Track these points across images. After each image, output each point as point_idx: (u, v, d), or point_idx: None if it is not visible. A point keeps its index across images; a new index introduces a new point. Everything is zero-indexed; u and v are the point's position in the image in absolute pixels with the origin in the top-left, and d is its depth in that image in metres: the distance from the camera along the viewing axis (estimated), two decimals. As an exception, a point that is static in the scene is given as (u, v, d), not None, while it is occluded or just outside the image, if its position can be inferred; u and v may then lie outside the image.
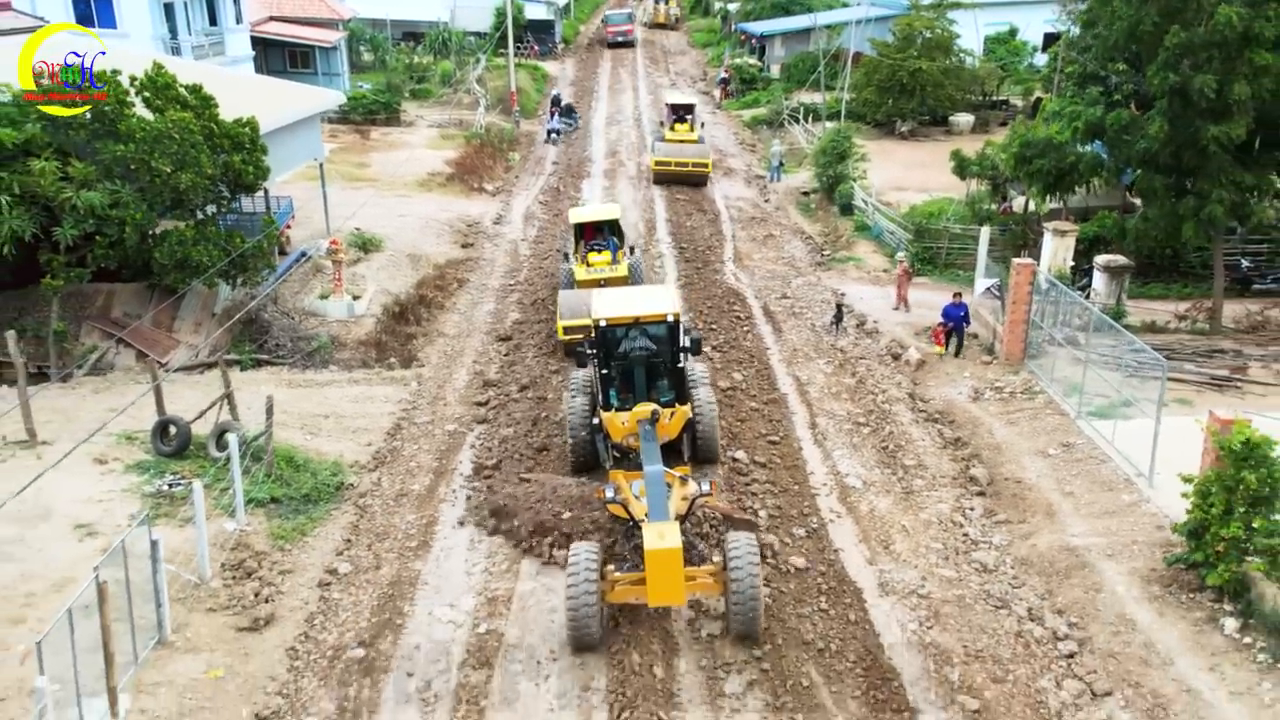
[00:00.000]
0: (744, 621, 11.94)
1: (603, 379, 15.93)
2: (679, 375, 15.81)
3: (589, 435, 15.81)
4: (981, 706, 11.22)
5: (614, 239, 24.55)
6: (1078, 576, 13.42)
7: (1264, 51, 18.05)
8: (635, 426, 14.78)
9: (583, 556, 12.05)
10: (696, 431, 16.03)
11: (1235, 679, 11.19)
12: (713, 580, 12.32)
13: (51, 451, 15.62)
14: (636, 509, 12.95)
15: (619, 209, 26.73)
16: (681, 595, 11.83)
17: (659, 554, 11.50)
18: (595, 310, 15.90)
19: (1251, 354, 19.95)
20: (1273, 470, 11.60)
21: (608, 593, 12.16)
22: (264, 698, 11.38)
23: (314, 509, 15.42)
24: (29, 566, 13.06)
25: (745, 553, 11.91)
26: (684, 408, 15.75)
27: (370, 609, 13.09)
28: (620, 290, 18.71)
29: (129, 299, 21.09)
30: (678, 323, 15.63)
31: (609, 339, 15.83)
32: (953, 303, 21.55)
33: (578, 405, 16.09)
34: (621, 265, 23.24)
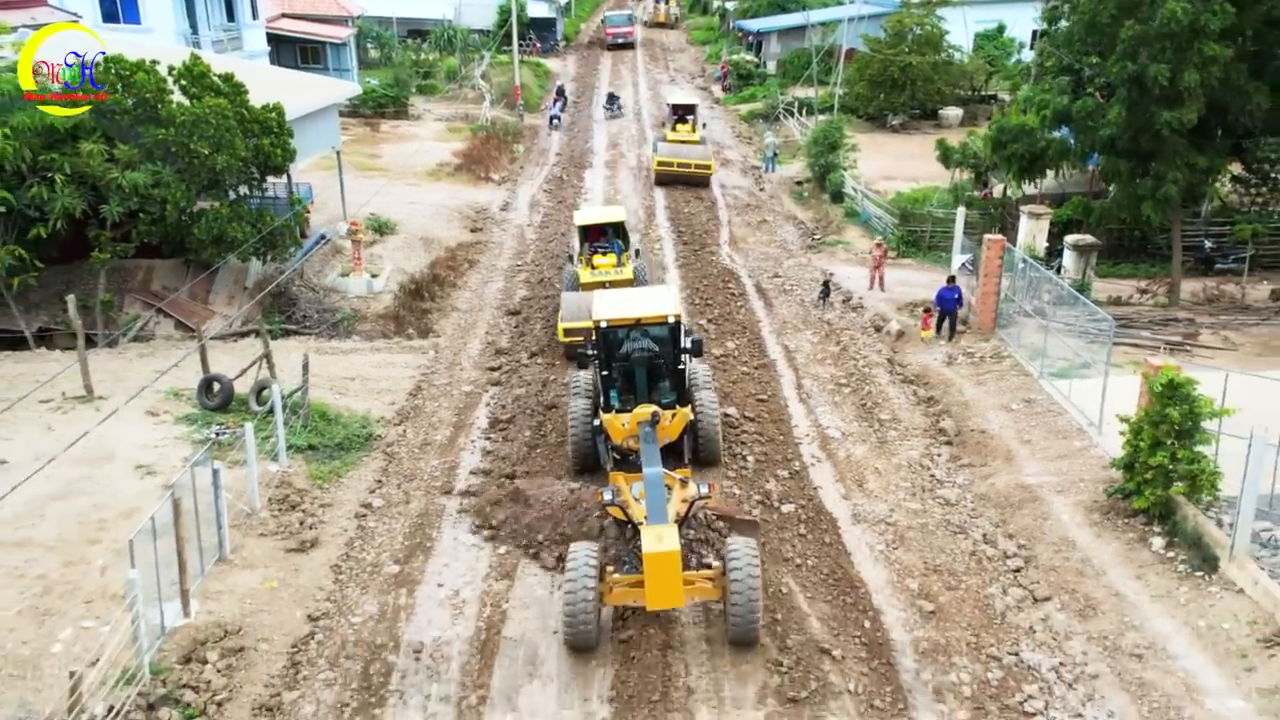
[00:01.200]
0: (743, 627, 11.82)
1: (603, 380, 15.89)
2: (680, 377, 15.74)
3: (590, 437, 15.74)
4: (936, 608, 12.91)
5: (619, 241, 24.30)
6: (1029, 508, 15.12)
7: (1211, 43, 19.69)
8: (636, 428, 14.72)
9: (582, 558, 11.95)
10: (698, 433, 15.97)
11: (1157, 585, 12.88)
12: (711, 585, 12.25)
13: (108, 405, 17.29)
14: (635, 511, 12.87)
15: (624, 211, 26.64)
16: (680, 598, 11.79)
17: (657, 557, 11.43)
18: (596, 311, 15.84)
19: (1203, 322, 21.64)
20: (1193, 406, 13.26)
21: (606, 594, 12.08)
22: (314, 603, 13.06)
23: (347, 455, 17.10)
24: (99, 499, 14.73)
25: (745, 557, 11.80)
26: (684, 409, 15.70)
27: (403, 535, 14.78)
28: (621, 291, 18.65)
29: (167, 273, 22.77)
30: (679, 324, 15.61)
31: (610, 340, 15.77)
32: (946, 286, 22.14)
33: (579, 407, 16.06)
34: (626, 268, 22.98)
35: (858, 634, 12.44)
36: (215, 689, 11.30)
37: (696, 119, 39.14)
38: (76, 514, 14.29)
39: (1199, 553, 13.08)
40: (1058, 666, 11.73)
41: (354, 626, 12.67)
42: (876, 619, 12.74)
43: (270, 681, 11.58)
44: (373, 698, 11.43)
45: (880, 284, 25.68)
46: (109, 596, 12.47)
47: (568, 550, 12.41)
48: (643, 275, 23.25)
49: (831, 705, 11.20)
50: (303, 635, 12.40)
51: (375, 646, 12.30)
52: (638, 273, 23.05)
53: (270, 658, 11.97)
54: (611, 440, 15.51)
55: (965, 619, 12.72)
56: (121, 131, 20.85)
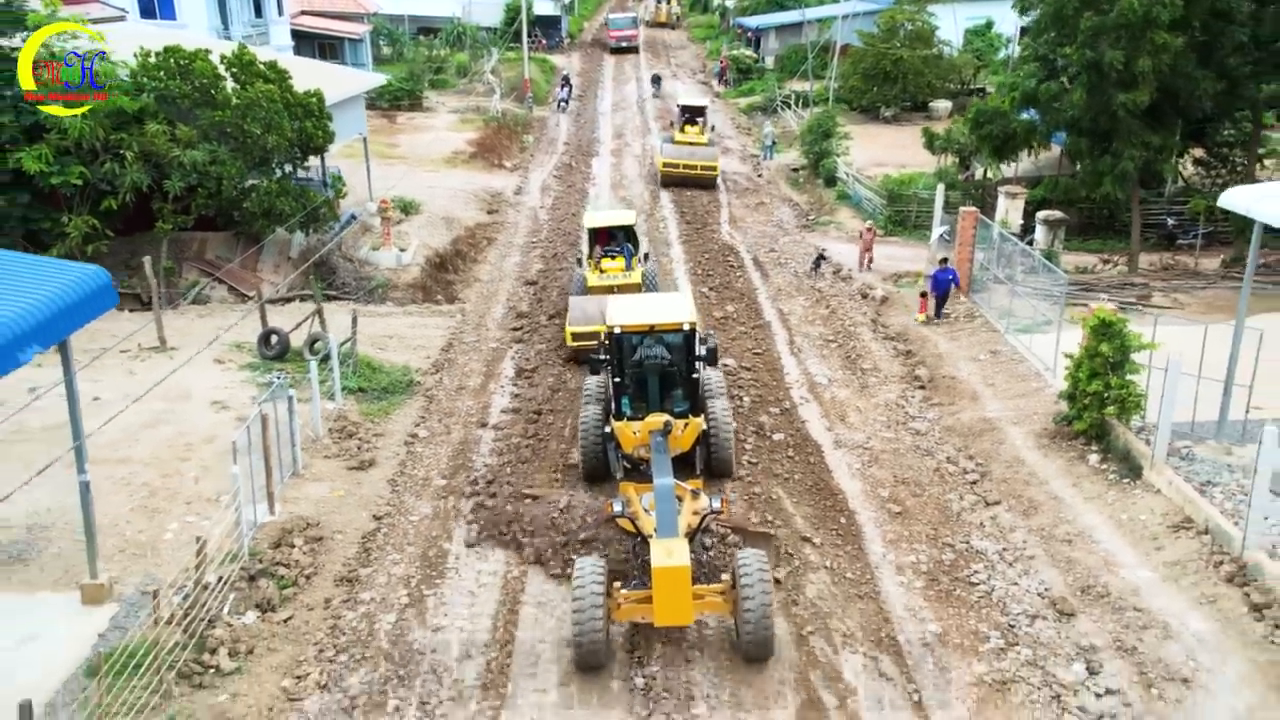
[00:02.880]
0: (755, 644, 11.41)
1: (615, 387, 15.63)
2: (694, 386, 15.51)
3: (600, 445, 15.46)
4: (902, 510, 15.23)
5: (629, 245, 23.99)
6: (988, 436, 17.44)
7: (1162, 32, 21.96)
8: (647, 437, 14.52)
9: (589, 573, 11.60)
10: (710, 444, 15.57)
11: (1090, 491, 15.20)
12: (722, 599, 11.84)
13: (179, 355, 19.61)
14: (645, 523, 12.56)
15: (634, 214, 26.27)
16: (689, 615, 11.42)
17: (666, 572, 11.16)
18: (610, 317, 15.62)
19: (1157, 287, 23.93)
20: (1124, 341, 15.55)
21: (614, 610, 11.76)
22: (376, 507, 15.39)
23: (392, 397, 19.43)
24: (183, 428, 17.07)
25: (756, 572, 11.42)
26: (697, 419, 15.46)
27: (447, 457, 17.11)
28: (636, 297, 18.39)
29: (219, 244, 25.08)
30: (694, 331, 15.35)
31: (623, 346, 15.49)
32: (940, 269, 23.18)
33: (590, 413, 15.78)
34: (635, 272, 22.62)
35: (835, 528, 14.77)
36: (302, 566, 13.63)
37: (706, 121, 39.12)
38: (165, 439, 16.63)
39: (1127, 464, 15.40)
40: (1001, 551, 14.05)
41: (412, 523, 15.01)
42: (851, 518, 15.07)
43: (347, 561, 13.91)
44: (433, 572, 13.77)
45: (869, 265, 27.87)
46: (204, 500, 14.82)
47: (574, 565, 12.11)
48: (652, 279, 22.78)
49: (810, 577, 13.53)
50: (370, 529, 14.74)
51: (431, 538, 14.64)
52: (647, 277, 22.58)
53: (345, 544, 14.31)
54: (622, 449, 15.31)
55: (926, 518, 15.04)
56: (181, 114, 23.15)
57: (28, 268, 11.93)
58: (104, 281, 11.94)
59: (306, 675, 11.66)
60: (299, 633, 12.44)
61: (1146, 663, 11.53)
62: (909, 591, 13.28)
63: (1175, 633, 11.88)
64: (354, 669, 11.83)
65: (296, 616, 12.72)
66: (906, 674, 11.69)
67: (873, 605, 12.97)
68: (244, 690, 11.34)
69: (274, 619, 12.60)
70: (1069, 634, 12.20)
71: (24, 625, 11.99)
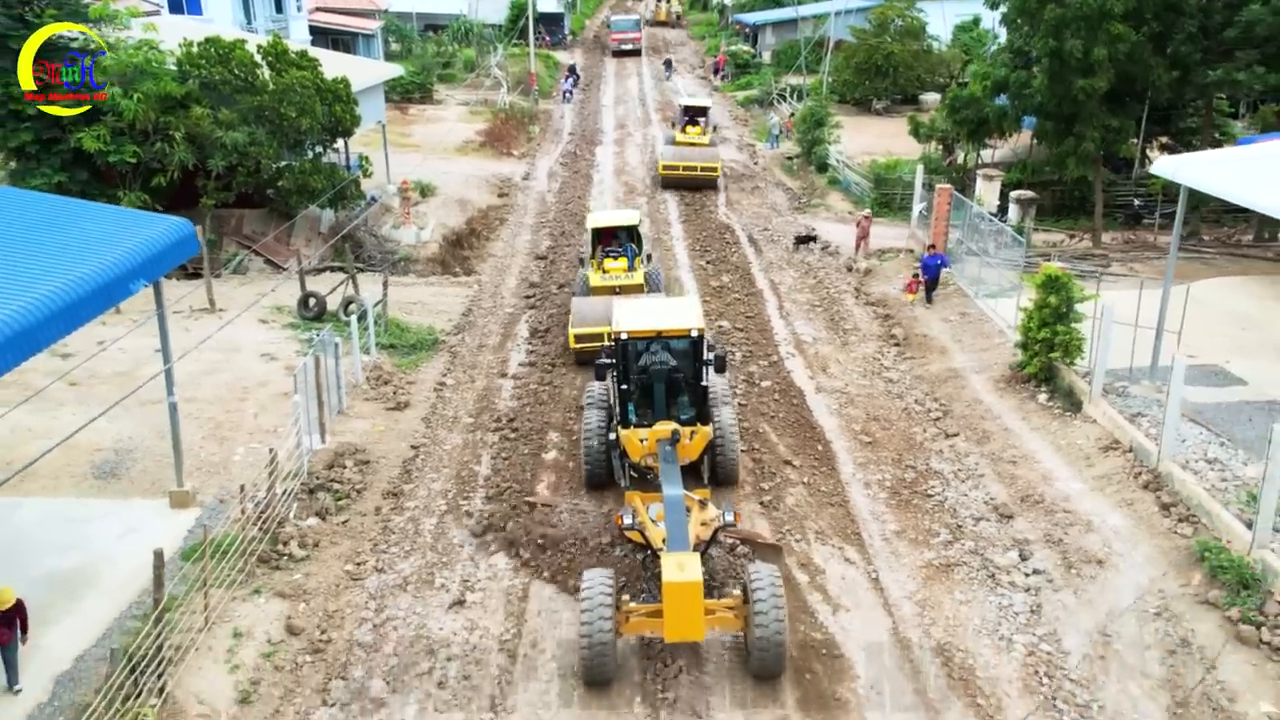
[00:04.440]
0: (766, 661, 11.18)
1: (621, 395, 15.25)
2: (701, 393, 15.16)
3: (604, 451, 15.24)
4: (872, 440, 17.42)
5: (632, 245, 23.80)
6: (953, 382, 19.63)
7: (1116, 23, 24.11)
8: (655, 446, 14.29)
9: (597, 586, 11.35)
10: (716, 452, 15.35)
11: (1036, 422, 17.39)
12: (733, 615, 11.59)
13: (227, 315, 21.79)
14: (654, 535, 12.35)
15: (639, 215, 26.01)
16: (701, 631, 11.17)
17: (678, 587, 10.90)
18: (617, 322, 15.26)
19: (1115, 258, 26.11)
20: (1069, 294, 17.71)
21: (622, 624, 11.52)
22: (413, 438, 17.58)
23: (420, 353, 21.60)
24: (237, 374, 19.25)
25: (769, 586, 11.14)
26: (706, 428, 15.14)
27: (472, 400, 19.29)
28: (642, 301, 17.93)
29: (255, 220, 27.26)
30: (701, 338, 14.97)
31: (629, 352, 15.18)
32: (929, 254, 24.31)
33: (593, 419, 15.50)
34: (638, 273, 22.49)
35: (812, 454, 16.95)
36: (353, 483, 15.82)
37: (708, 121, 38.66)
38: (224, 383, 18.83)
39: (1070, 400, 17.58)
40: (956, 470, 16.24)
41: (446, 451, 17.21)
42: (827, 446, 17.26)
43: (391, 479, 16.11)
44: (465, 487, 15.95)
45: (864, 252, 29.52)
46: (263, 431, 17.02)
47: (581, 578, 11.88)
48: (655, 280, 22.77)
49: (790, 490, 15.72)
50: (409, 456, 16.93)
51: (463, 462, 16.83)
52: (650, 278, 22.62)
53: (389, 467, 16.50)
54: (629, 457, 15.08)
55: (893, 446, 17.23)
56: (223, 99, 25.29)
57: (129, 218, 14.15)
58: (189, 232, 14.15)
59: (364, 562, 13.87)
60: (355, 532, 14.64)
61: (1070, 550, 13.72)
62: (874, 501, 15.48)
63: (1096, 528, 14.06)
64: (404, 557, 14.03)
65: (352, 520, 14.92)
66: (867, 559, 13.89)
67: (842, 511, 15.17)
68: (314, 572, 13.55)
69: (333, 522, 14.80)
70: (1007, 531, 14.39)
71: (123, 523, 14.20)
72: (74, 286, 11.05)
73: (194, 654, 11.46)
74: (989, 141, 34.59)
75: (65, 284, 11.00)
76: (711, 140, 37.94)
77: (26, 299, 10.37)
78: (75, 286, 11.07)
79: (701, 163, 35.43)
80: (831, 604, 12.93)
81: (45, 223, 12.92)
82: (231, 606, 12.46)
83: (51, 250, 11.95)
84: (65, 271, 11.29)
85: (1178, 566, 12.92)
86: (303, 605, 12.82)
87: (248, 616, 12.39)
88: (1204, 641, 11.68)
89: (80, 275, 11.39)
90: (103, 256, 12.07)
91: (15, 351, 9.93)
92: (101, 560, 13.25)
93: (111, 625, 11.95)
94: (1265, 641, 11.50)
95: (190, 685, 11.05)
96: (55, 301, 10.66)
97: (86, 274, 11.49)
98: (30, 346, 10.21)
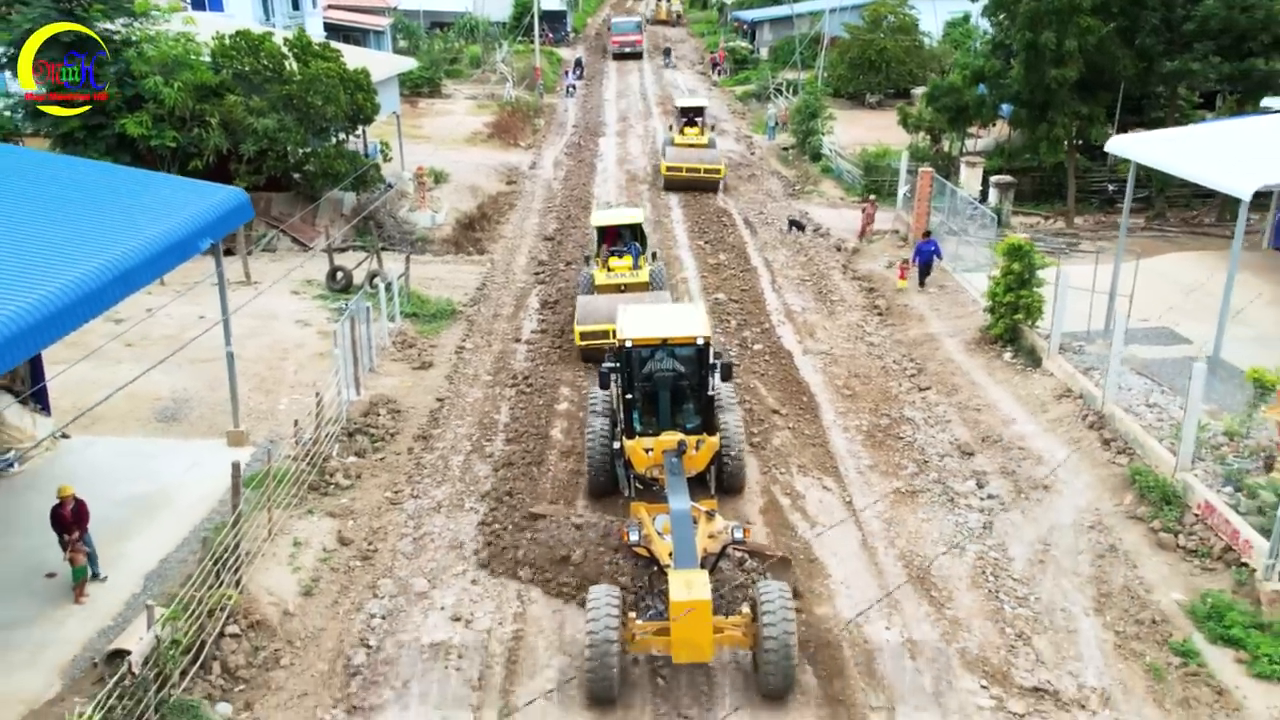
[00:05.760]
0: (776, 680, 11.00)
1: (626, 404, 14.89)
2: (707, 402, 14.85)
3: (608, 460, 15.02)
4: (852, 393, 19.31)
5: (636, 244, 24.00)
6: (928, 345, 21.51)
7: (1085, 16, 25.97)
8: (661, 457, 14.04)
9: (603, 602, 11.11)
10: (722, 460, 15.07)
11: (1000, 376, 19.27)
12: (742, 634, 11.37)
13: (262, 286, 23.66)
14: (660, 550, 12.09)
15: (642, 214, 26.11)
16: (709, 651, 11.03)
17: (686, 606, 10.77)
18: (622, 330, 14.97)
19: (1085, 237, 27.98)
20: (1031, 261, 19.58)
21: (629, 642, 11.29)
22: (438, 392, 19.47)
23: (439, 321, 23.47)
24: (276, 338, 21.15)
25: (778, 605, 10.91)
26: (712, 438, 14.82)
27: (489, 361, 21.18)
28: (648, 308, 17.43)
29: (283, 202, 29.13)
30: (708, 346, 14.72)
31: (634, 360, 14.85)
32: (923, 240, 25.18)
33: (597, 427, 15.31)
34: (643, 271, 22.70)
35: (797, 405, 18.84)
36: (387, 428, 17.71)
37: (705, 121, 38.91)
38: (265, 345, 20.72)
39: (1031, 357, 19.47)
40: (926, 417, 18.12)
41: (468, 403, 19.10)
42: (811, 398, 19.15)
43: (421, 425, 18.00)
44: (486, 434, 17.84)
45: (868, 236, 30.57)
46: (304, 385, 18.88)
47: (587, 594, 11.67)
48: (659, 278, 23.02)
49: (776, 434, 17.60)
50: (435, 407, 18.81)
51: (483, 412, 18.73)
52: (654, 275, 22.89)
53: (418, 416, 18.39)
54: (633, 468, 14.84)
55: (871, 397, 19.12)
56: (253, 88, 27.15)
57: (195, 188, 16.03)
58: (245, 200, 16.05)
59: (401, 491, 15.77)
60: (392, 467, 16.54)
61: (1020, 479, 15.62)
62: (851, 442, 17.37)
63: (1045, 461, 15.96)
64: (436, 486, 15.94)
65: (388, 458, 16.82)
66: (843, 487, 15.79)
67: (822, 450, 17.06)
68: (358, 498, 15.45)
69: (372, 459, 16.70)
70: (968, 465, 16.28)
71: (187, 457, 16.09)
72: (161, 238, 12.97)
73: (261, 559, 13.34)
74: (972, 131, 36.58)
75: (155, 235, 12.90)
76: (711, 140, 37.99)
77: (127, 246, 12.25)
78: (162, 238, 12.99)
79: (705, 165, 35.79)
80: (810, 521, 14.83)
81: (128, 189, 14.83)
82: (290, 523, 14.35)
83: (138, 211, 13.83)
84: (152, 226, 13.17)
85: (1112, 490, 14.81)
86: (351, 523, 14.71)
87: (304, 531, 14.28)
88: (1129, 548, 13.58)
89: (163, 231, 13.28)
90: (178, 217, 13.95)
91: (120, 288, 11.83)
92: (171, 487, 15.14)
93: (188, 536, 13.85)
94: (1181, 546, 13.39)
95: (260, 581, 12.92)
96: (148, 249, 12.56)
97: (168, 230, 13.38)
98: (131, 285, 12.12)
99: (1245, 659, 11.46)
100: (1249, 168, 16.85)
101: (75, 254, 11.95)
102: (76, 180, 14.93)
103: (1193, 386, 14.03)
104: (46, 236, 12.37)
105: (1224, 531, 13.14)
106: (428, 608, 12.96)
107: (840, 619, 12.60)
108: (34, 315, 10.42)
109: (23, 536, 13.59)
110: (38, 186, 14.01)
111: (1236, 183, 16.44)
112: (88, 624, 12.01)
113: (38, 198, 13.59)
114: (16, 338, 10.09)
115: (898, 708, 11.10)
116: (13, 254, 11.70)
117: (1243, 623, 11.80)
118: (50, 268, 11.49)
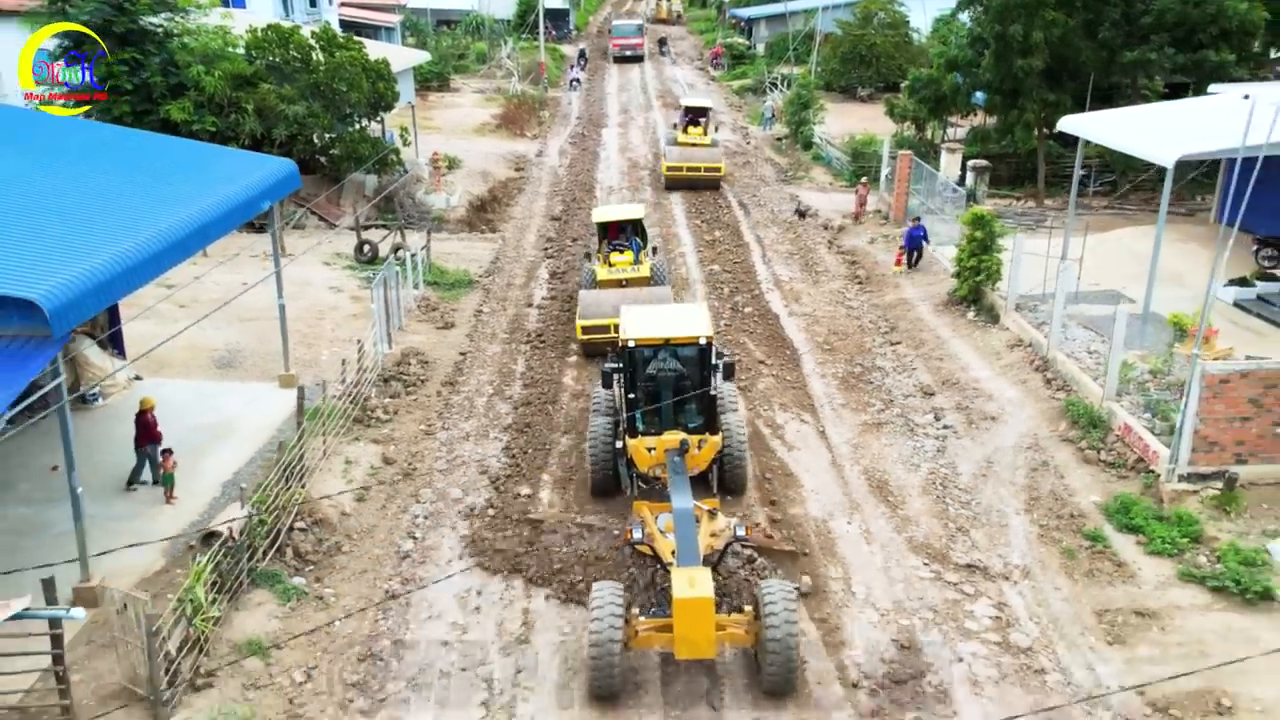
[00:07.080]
0: (778, 679, 11.15)
1: (628, 402, 15.06)
2: (709, 401, 14.99)
3: (610, 459, 15.17)
4: (831, 347, 21.64)
5: (637, 239, 24.40)
6: (901, 308, 23.82)
7: (1050, 10, 28.24)
8: (663, 456, 14.21)
9: (607, 599, 11.26)
10: (724, 460, 15.24)
11: (964, 333, 21.58)
12: (744, 631, 11.54)
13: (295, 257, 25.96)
14: (663, 548, 12.21)
15: (643, 209, 26.49)
16: (712, 648, 11.16)
17: (689, 603, 10.86)
18: (624, 329, 15.23)
19: (1052, 216, 30.27)
20: (991, 229, 21.87)
21: (631, 639, 11.44)
22: (461, 347, 21.80)
23: (458, 289, 25.78)
24: (311, 302, 23.46)
25: (782, 604, 11.01)
26: (715, 437, 15.00)
27: (506, 323, 23.50)
28: (650, 308, 17.50)
29: (309, 185, 31.30)
30: (710, 345, 14.90)
31: (636, 360, 15.03)
32: (913, 226, 26.50)
33: (599, 426, 15.48)
34: (644, 266, 23.08)
35: (781, 357, 21.16)
36: (418, 375, 20.03)
37: (709, 121, 39.04)
38: (303, 307, 23.03)
39: (991, 315, 21.78)
40: (895, 366, 20.44)
41: (488, 356, 21.44)
42: (794, 351, 21.47)
43: (448, 373, 20.33)
44: (505, 382, 20.16)
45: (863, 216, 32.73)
46: (341, 340, 21.19)
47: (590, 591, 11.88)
48: (660, 273, 23.47)
49: (761, 380, 19.92)
50: (459, 359, 21.14)
51: (502, 363, 21.05)
52: (655, 270, 23.31)
53: (444, 366, 20.71)
54: (636, 467, 15.09)
55: (847, 350, 21.44)
56: (284, 77, 29.42)
57: (252, 159, 18.36)
58: (294, 169, 18.35)
59: (434, 424, 18.11)
60: (424, 405, 18.87)
61: (973, 412, 17.93)
62: (827, 386, 19.69)
63: (996, 398, 18.26)
64: (464, 420, 18.27)
65: (420, 399, 19.15)
66: (818, 420, 18.12)
67: (802, 392, 19.38)
68: (397, 429, 17.79)
69: (406, 400, 19.00)
70: (929, 403, 18.60)
71: (246, 395, 18.40)
72: (231, 198, 15.32)
73: (319, 474, 15.64)
74: (953, 121, 38.88)
75: (226, 196, 15.22)
76: (714, 140, 38.14)
77: (204, 203, 14.57)
78: (232, 198, 15.33)
79: (705, 164, 36.18)
80: (787, 446, 17.15)
81: (198, 159, 17.16)
82: (340, 447, 16.67)
83: (211, 177, 16.14)
84: (224, 189, 15.49)
85: (1050, 419, 17.12)
86: (392, 447, 17.05)
87: (353, 453, 16.61)
88: (1059, 463, 15.90)
89: (233, 192, 15.60)
90: (244, 181, 16.27)
91: (203, 238, 14.18)
92: (235, 419, 17.45)
93: (254, 456, 16.16)
94: (1102, 460, 15.72)
95: (320, 489, 15.23)
96: (221, 207, 14.88)
97: (236, 191, 15.70)
98: (207, 237, 14.47)
99: (1144, 541, 13.77)
100: (1174, 140, 19.13)
101: (165, 209, 14.26)
102: (161, 151, 17.27)
103: (1116, 328, 16.33)
104: (141, 194, 14.69)
105: (1138, 447, 15.45)
106: (462, 511, 15.27)
107: (810, 517, 14.91)
108: (136, 256, 12.70)
109: (110, 455, 15.90)
110: (129, 154, 16.35)
111: (1161, 152, 18.73)
112: (179, 519, 14.33)
113: (130, 164, 15.92)
114: (127, 273, 12.39)
115: (853, 577, 13.41)
116: (114, 206, 14.01)
117: (1145, 515, 14.10)
118: (144, 219, 13.80)
